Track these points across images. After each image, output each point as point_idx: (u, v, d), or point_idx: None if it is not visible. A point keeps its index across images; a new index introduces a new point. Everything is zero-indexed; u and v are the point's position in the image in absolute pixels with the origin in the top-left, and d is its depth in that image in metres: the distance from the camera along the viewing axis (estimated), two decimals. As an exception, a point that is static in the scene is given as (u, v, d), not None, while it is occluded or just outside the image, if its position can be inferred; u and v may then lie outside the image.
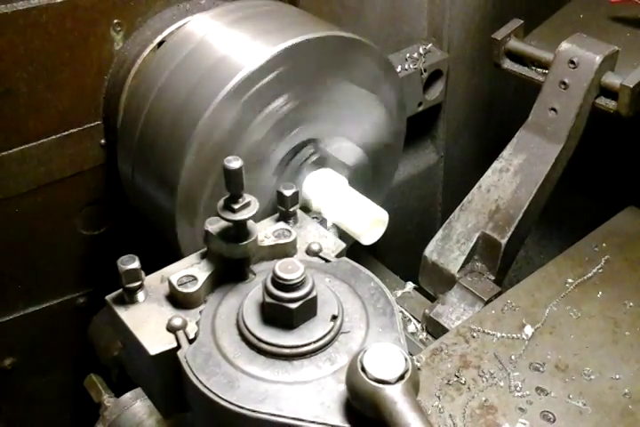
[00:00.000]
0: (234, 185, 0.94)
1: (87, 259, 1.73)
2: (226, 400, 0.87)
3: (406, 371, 0.81)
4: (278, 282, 0.90)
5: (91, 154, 1.58)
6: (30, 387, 1.82)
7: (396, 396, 0.79)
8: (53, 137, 1.52)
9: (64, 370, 1.85)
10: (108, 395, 1.48)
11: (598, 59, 1.59)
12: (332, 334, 0.93)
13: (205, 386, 0.88)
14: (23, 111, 1.45)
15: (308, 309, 0.92)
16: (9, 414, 1.82)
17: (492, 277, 1.69)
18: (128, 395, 1.39)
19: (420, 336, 1.69)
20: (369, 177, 1.63)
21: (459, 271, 1.68)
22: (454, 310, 1.65)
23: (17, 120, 1.46)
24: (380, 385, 0.80)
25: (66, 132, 1.53)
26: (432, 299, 1.76)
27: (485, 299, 1.62)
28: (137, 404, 1.37)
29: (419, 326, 1.71)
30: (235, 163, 0.92)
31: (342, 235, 1.42)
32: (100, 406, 1.47)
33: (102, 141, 1.59)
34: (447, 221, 1.75)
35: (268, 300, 0.91)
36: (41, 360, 1.80)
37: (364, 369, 0.81)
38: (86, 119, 1.55)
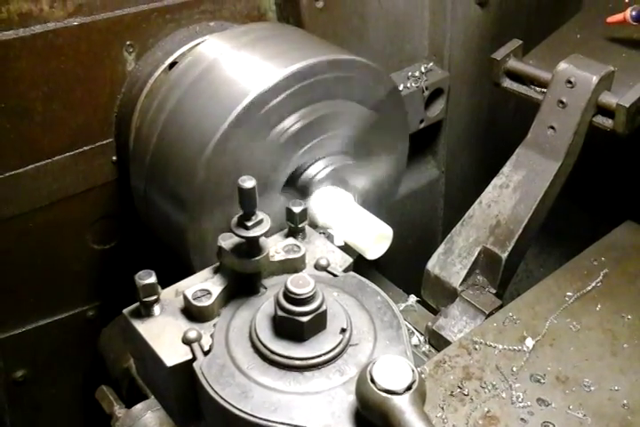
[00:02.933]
0: (247, 203, 0.98)
1: (98, 272, 1.76)
2: (240, 410, 0.90)
3: (414, 382, 0.84)
4: (290, 296, 0.93)
5: (103, 170, 1.62)
6: (41, 398, 1.84)
7: (404, 405, 0.82)
8: (67, 154, 1.55)
9: (74, 382, 1.88)
10: (119, 406, 1.51)
11: (595, 79, 1.63)
12: (342, 346, 0.96)
13: (220, 396, 0.91)
14: (38, 129, 1.49)
15: (319, 322, 0.96)
16: (20, 426, 1.84)
17: (493, 291, 1.71)
18: (139, 406, 1.42)
19: (423, 349, 1.71)
20: (373, 193, 1.67)
21: (460, 285, 1.70)
22: (456, 323, 1.67)
23: (32, 138, 1.50)
24: (389, 395, 0.83)
25: (79, 150, 1.57)
26: (434, 312, 1.78)
27: (487, 312, 1.65)
28: (148, 415, 1.40)
29: (421, 338, 1.73)
30: (248, 182, 0.96)
31: (346, 249, 1.46)
32: (111, 418, 1.50)
33: (114, 158, 1.63)
34: (449, 235, 1.78)
35: (280, 313, 0.94)
36: (52, 372, 1.82)
37: (373, 380, 0.84)
38: (99, 137, 1.59)
